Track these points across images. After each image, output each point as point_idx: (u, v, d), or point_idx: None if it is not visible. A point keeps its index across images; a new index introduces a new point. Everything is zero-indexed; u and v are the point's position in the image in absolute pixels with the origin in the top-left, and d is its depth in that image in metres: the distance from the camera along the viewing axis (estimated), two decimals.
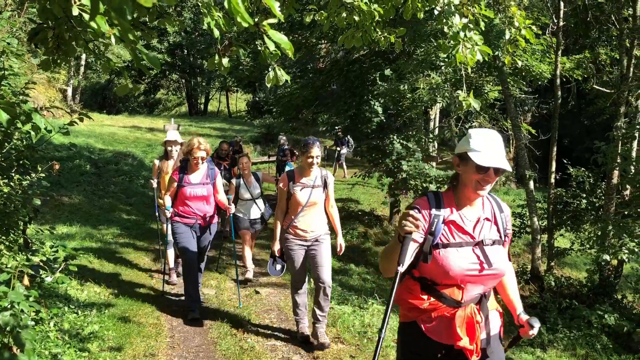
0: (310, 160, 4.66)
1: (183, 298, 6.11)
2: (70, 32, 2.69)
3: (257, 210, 7.24)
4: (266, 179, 7.66)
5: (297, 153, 21.92)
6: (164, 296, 6.28)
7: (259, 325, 5.44)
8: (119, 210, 11.44)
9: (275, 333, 5.24)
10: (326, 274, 4.75)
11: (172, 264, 6.90)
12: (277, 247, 4.86)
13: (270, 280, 7.11)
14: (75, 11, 1.64)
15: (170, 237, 6.10)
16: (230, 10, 1.81)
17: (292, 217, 4.75)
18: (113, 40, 2.13)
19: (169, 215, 5.50)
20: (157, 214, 7.20)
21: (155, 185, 6.87)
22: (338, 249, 4.89)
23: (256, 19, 2.43)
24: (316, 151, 4.66)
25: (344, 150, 18.97)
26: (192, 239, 5.47)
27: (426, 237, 2.25)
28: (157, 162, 6.90)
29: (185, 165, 5.49)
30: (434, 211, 2.28)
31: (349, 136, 17.88)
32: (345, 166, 19.81)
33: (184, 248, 5.44)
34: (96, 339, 4.55)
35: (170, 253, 6.83)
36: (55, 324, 4.48)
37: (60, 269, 3.67)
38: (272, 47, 2.34)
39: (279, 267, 4.99)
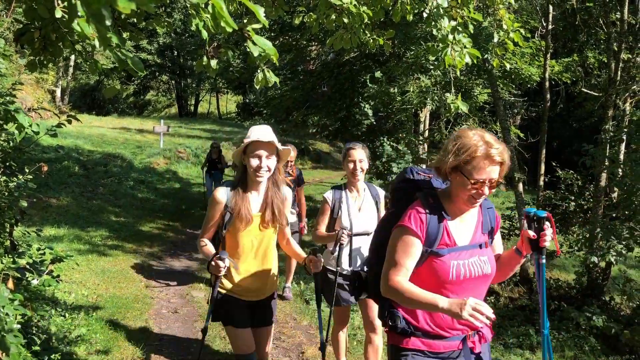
0: None
1: (172, 300, 6.09)
2: (57, 32, 2.67)
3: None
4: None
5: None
6: (152, 299, 6.24)
7: None
8: (107, 212, 11.36)
9: None
10: None
11: None
12: None
13: None
14: (59, 13, 1.62)
15: None
16: (214, 14, 1.81)
17: None
18: (97, 43, 2.11)
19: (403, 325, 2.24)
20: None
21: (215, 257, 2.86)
22: None
23: (245, 20, 2.43)
24: None
25: None
26: None
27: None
28: (221, 195, 2.93)
29: (437, 201, 2.26)
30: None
31: None
32: None
33: None
34: (83, 342, 4.51)
35: None
36: (42, 327, 4.44)
37: (47, 271, 3.64)
38: (256, 52, 2.34)
39: None
